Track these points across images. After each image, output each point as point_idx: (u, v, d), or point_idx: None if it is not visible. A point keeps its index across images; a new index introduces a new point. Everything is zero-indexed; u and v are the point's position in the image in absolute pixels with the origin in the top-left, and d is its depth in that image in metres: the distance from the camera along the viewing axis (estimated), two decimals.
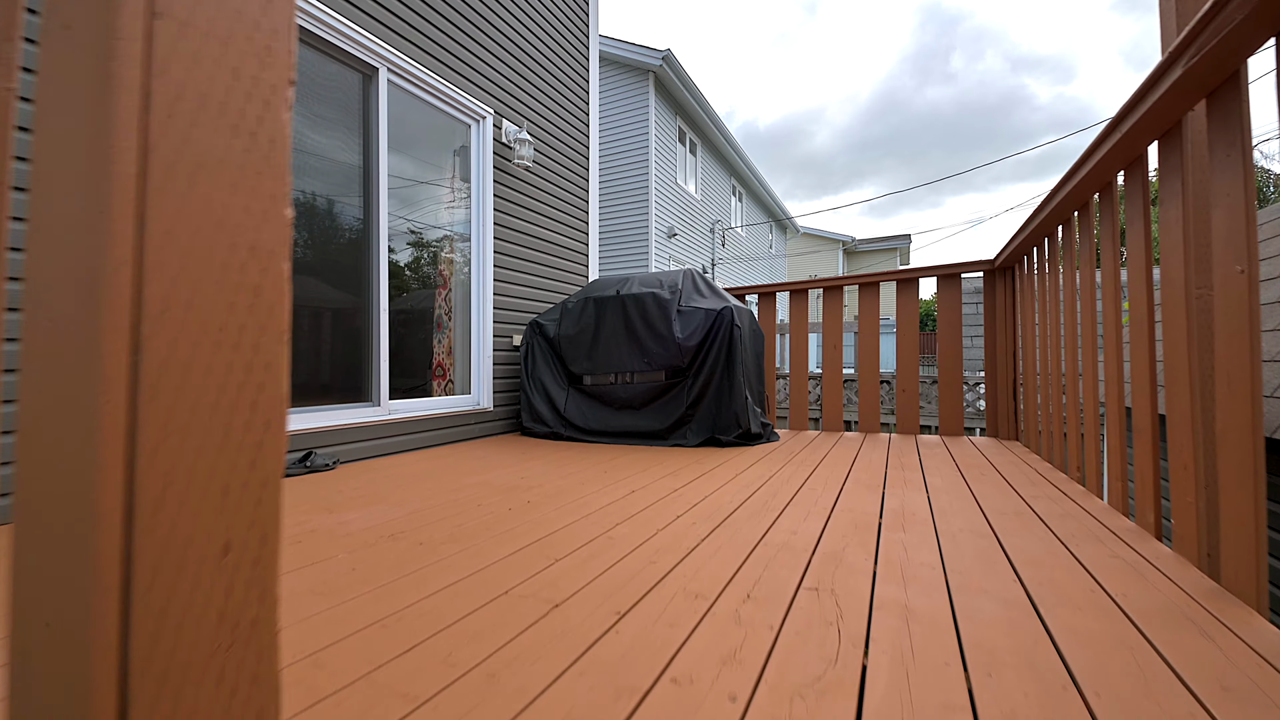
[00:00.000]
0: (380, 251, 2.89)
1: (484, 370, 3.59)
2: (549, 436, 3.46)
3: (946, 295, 3.27)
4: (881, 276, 3.44)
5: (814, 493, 1.93)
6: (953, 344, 3.25)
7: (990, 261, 3.13)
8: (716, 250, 12.05)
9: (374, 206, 2.89)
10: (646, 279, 3.53)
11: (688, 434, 3.12)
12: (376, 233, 2.89)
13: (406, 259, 3.97)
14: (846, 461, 2.53)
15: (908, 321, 3.37)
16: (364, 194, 2.88)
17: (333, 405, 2.69)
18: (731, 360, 3.04)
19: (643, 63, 8.75)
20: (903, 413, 3.39)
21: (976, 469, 2.31)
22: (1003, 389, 3.07)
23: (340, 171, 2.78)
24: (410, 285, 4.23)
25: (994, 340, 3.14)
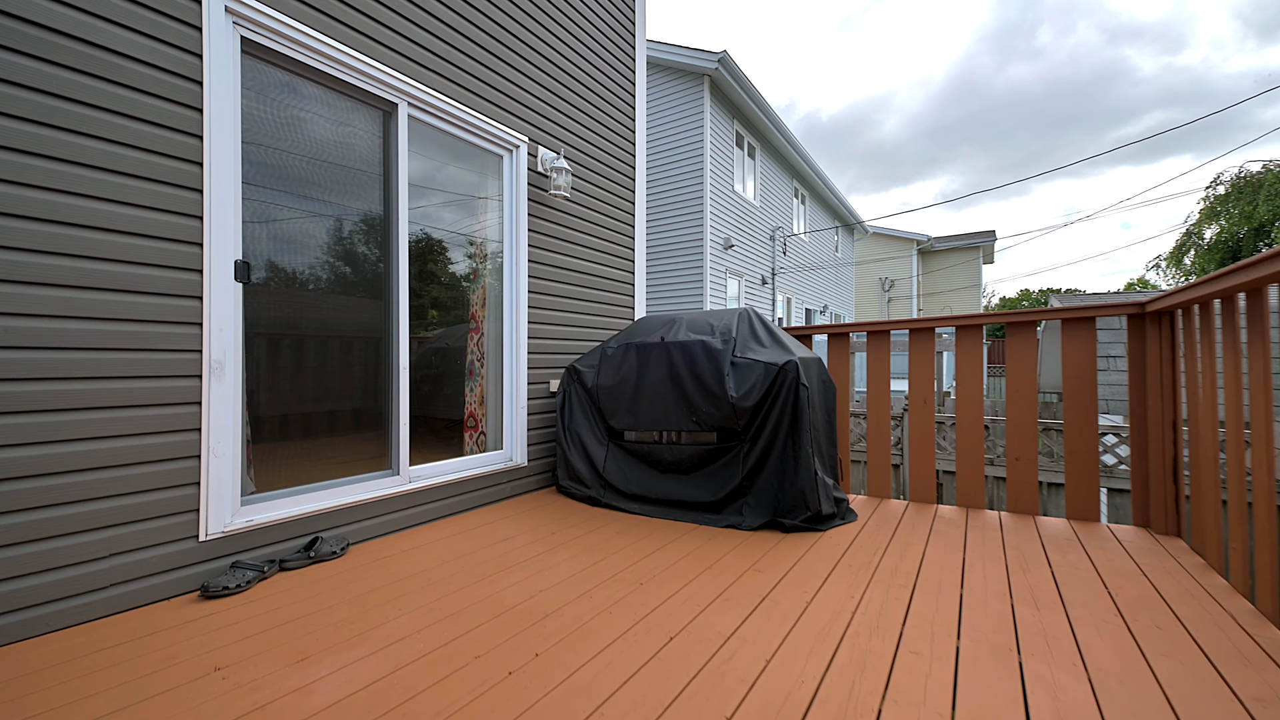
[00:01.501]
0: (400, 302, 2.61)
1: (517, 421, 3.27)
2: (587, 500, 3.08)
3: (1076, 343, 2.60)
4: (987, 318, 2.81)
5: (919, 663, 1.41)
6: (1084, 404, 2.58)
7: (1139, 304, 2.44)
8: (777, 259, 11.35)
9: (393, 250, 2.62)
10: (696, 322, 3.08)
11: (744, 510, 2.64)
12: (396, 281, 2.61)
13: (432, 303, 3.74)
14: (953, 580, 1.97)
15: (1022, 373, 2.73)
16: (383, 236, 2.61)
17: (346, 480, 2.43)
18: (797, 426, 2.54)
19: (697, 67, 8.27)
20: (1016, 486, 2.74)
21: (1146, 612, 1.70)
22: (1157, 469, 2.37)
23: (355, 215, 2.53)
24: (434, 338, 3.99)
25: (1143, 406, 2.45)
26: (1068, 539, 2.33)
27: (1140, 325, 2.47)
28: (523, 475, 3.32)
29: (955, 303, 23.79)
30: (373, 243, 2.60)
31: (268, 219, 2.23)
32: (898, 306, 22.81)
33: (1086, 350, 2.57)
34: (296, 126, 2.30)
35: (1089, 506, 2.57)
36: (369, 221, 2.57)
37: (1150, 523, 2.44)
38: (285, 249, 2.30)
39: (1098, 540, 2.31)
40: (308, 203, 2.35)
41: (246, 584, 1.89)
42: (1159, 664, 1.37)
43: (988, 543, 2.32)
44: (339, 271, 2.48)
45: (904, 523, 2.61)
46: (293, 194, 2.30)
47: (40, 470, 1.62)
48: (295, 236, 2.33)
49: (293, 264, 2.32)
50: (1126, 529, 2.45)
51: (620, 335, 3.32)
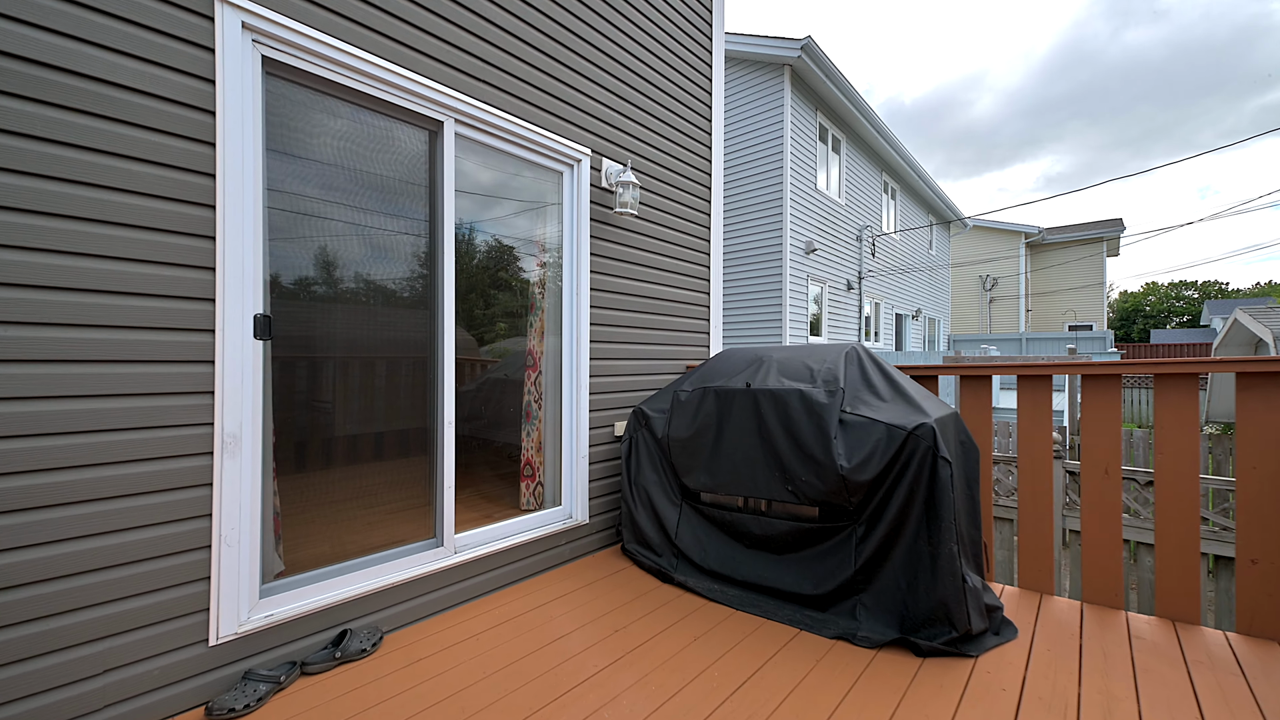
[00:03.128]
0: (445, 347, 2.28)
1: (578, 472, 2.87)
2: (656, 572, 2.62)
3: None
4: (1203, 365, 2.04)
5: None
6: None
7: None
8: (865, 261, 10.34)
9: (439, 289, 2.29)
10: (789, 363, 2.52)
11: (859, 614, 2.06)
12: (441, 322, 2.28)
13: (484, 339, 3.42)
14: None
15: (1259, 432, 1.94)
16: (429, 268, 2.29)
17: (383, 555, 2.12)
18: (936, 515, 1.92)
19: (776, 57, 7.59)
20: (1252, 596, 1.96)
21: None
22: None
23: (397, 245, 2.23)
24: (489, 370, 3.67)
25: None
26: None
27: None
28: (583, 534, 2.91)
29: (1073, 304, 21.03)
30: (414, 267, 2.28)
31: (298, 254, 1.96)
32: (1001, 307, 20.51)
33: None
34: (331, 149, 2.02)
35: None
36: (411, 245, 2.26)
37: None
38: (316, 287, 2.02)
39: None
40: (341, 240, 2.07)
41: (257, 702, 1.60)
42: None
43: (1233, 701, 1.59)
44: (375, 311, 2.19)
45: (1088, 649, 1.92)
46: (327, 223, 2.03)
47: (23, 579, 1.39)
48: (330, 273, 2.05)
49: (325, 305, 2.04)
50: None
51: (694, 375, 2.83)
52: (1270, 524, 1.93)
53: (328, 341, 2.05)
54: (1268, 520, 1.93)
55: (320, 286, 2.04)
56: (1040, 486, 2.38)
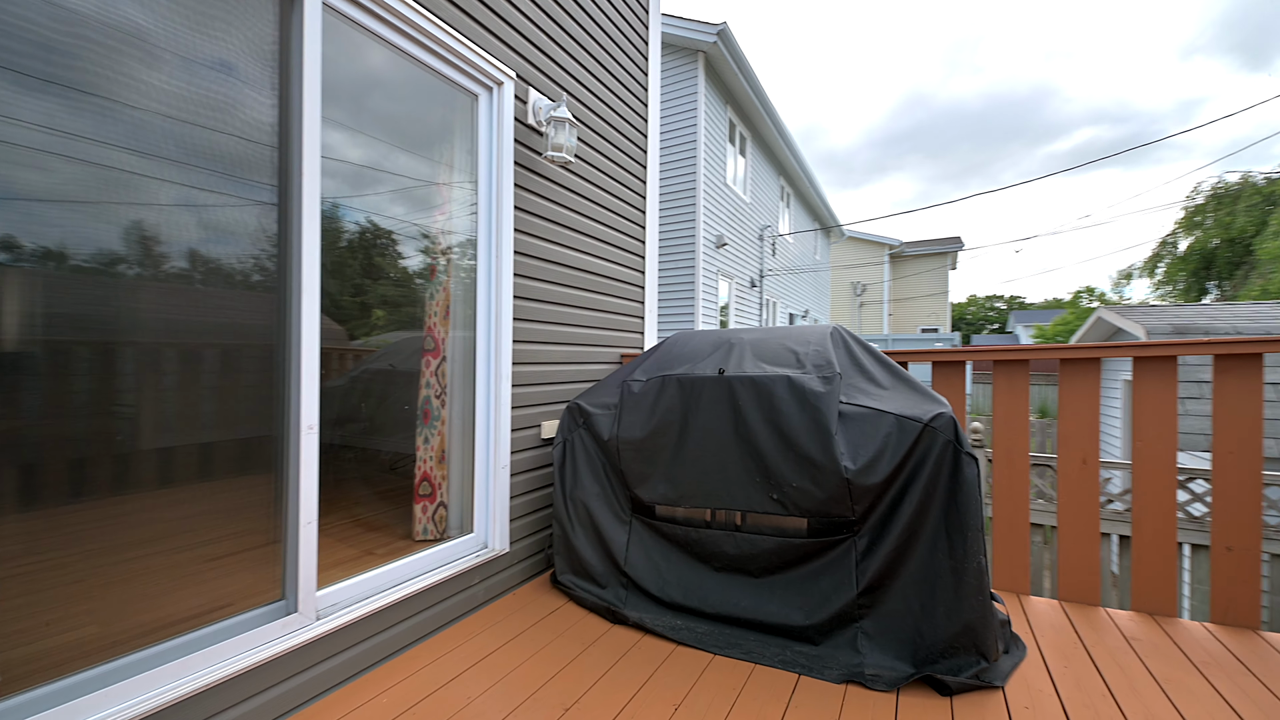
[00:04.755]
0: (301, 320, 1.52)
1: (496, 487, 2.22)
2: (600, 609, 2.06)
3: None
4: (1176, 348, 1.97)
5: None
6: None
7: None
8: (766, 260, 10.58)
9: (295, 233, 1.53)
10: (765, 345, 2.11)
11: (861, 645, 1.70)
12: (296, 284, 1.52)
13: (360, 318, 2.64)
14: None
15: (1236, 418, 1.90)
16: (279, 214, 1.52)
17: (188, 638, 1.33)
18: (962, 521, 1.61)
19: (692, 41, 7.34)
20: (1226, 586, 1.91)
21: None
22: None
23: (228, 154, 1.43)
24: (368, 360, 2.87)
25: None
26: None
27: None
28: (503, 568, 2.27)
29: (926, 309, 23.88)
30: (255, 230, 1.50)
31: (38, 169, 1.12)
32: (869, 311, 22.67)
33: None
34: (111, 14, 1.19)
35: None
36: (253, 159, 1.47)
37: None
38: (82, 224, 1.19)
39: None
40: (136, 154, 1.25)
41: None
42: None
43: (1264, 704, 1.45)
44: (194, 264, 1.38)
45: (1100, 660, 1.72)
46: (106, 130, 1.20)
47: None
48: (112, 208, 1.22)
49: (95, 248, 1.21)
50: None
51: (646, 362, 2.32)
52: (1244, 507, 1.89)
53: (102, 324, 1.23)
54: (1242, 503, 1.89)
55: (87, 246, 1.20)
56: (1016, 484, 2.21)
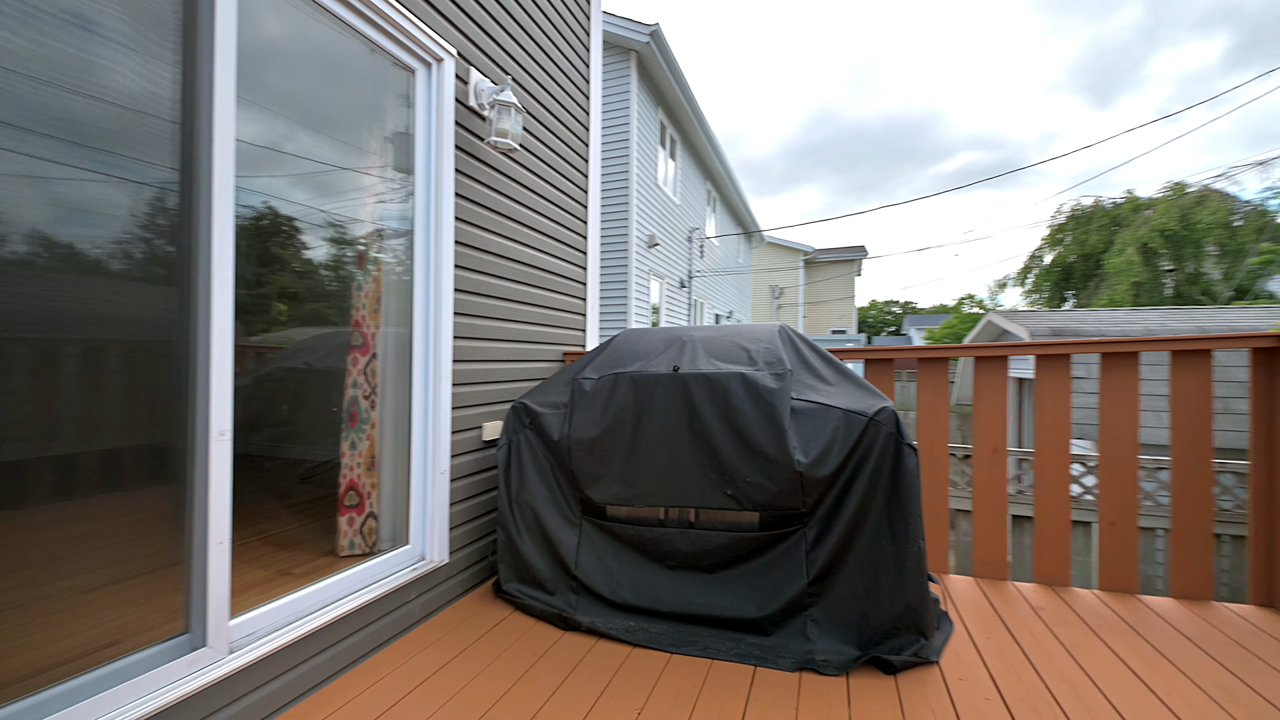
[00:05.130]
0: (211, 306, 1.32)
1: (434, 494, 2.07)
2: (550, 616, 1.99)
3: (1188, 381, 2.09)
4: (1074, 346, 2.22)
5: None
6: (1194, 457, 2.08)
7: (1273, 336, 1.98)
8: (695, 261, 10.81)
9: (203, 205, 1.32)
10: (717, 343, 2.13)
11: (810, 633, 1.76)
12: (202, 265, 1.32)
13: (280, 302, 2.39)
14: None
15: (1121, 411, 2.17)
16: (184, 178, 1.30)
17: (74, 682, 1.10)
18: (903, 509, 1.71)
19: (625, 39, 7.33)
20: (1112, 557, 2.18)
21: None
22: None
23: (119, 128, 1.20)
24: (278, 357, 2.62)
25: (1270, 456, 1.99)
26: (1221, 630, 1.77)
27: (1270, 361, 2.01)
28: (442, 579, 2.12)
29: (836, 312, 25.57)
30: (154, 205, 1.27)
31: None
32: (786, 314, 23.90)
33: (1201, 388, 2.07)
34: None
35: (1200, 583, 2.07)
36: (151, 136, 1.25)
37: (1274, 601, 1.98)
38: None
39: (1247, 631, 1.78)
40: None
41: None
42: None
43: (1148, 659, 1.67)
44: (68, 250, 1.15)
45: (1016, 630, 1.90)
46: None
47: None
48: None
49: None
50: (1256, 611, 1.97)
51: (595, 360, 2.27)
52: (1125, 489, 2.16)
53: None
54: (1124, 485, 2.16)
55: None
56: (938, 470, 2.40)
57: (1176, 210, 13.10)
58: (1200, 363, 2.07)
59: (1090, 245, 14.21)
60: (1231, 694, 1.51)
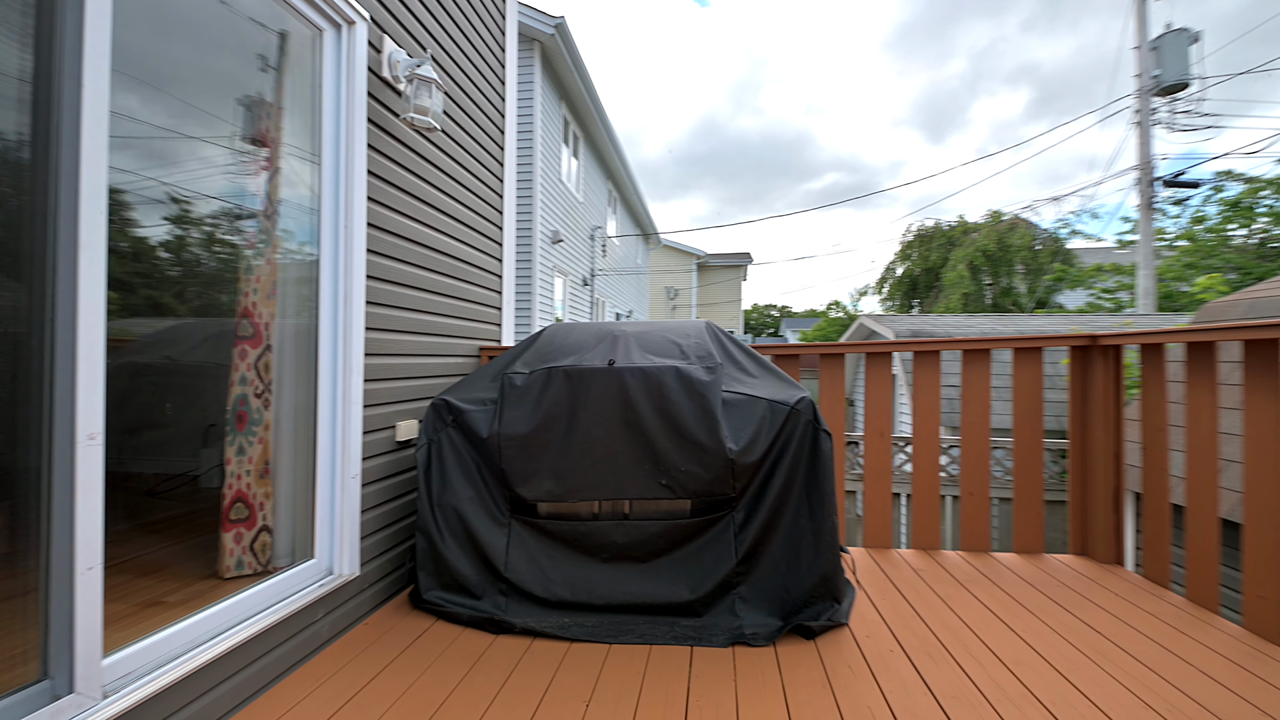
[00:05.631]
0: (77, 273, 1.08)
1: (343, 501, 1.88)
2: (479, 621, 1.90)
3: (1026, 373, 2.54)
4: (944, 344, 2.60)
5: None
6: (1030, 437, 2.54)
7: (1090, 336, 2.48)
8: (597, 260, 10.85)
9: (63, 169, 1.08)
10: (649, 338, 2.18)
11: (738, 609, 1.87)
12: (71, 233, 1.08)
13: (156, 289, 2.04)
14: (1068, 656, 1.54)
15: (977, 403, 2.58)
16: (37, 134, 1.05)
17: None
18: (819, 488, 1.88)
19: (530, 28, 7.13)
20: (971, 523, 2.59)
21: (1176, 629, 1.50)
22: (1102, 499, 2.42)
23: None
24: (137, 348, 2.24)
25: (1084, 435, 2.50)
26: (1051, 576, 2.20)
27: (1086, 357, 2.51)
28: (353, 594, 1.93)
29: (726, 314, 27.08)
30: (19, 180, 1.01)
31: None
32: (679, 315, 24.86)
33: (1034, 379, 2.53)
34: None
35: (1034, 539, 2.53)
36: None
37: (1086, 550, 2.49)
38: None
39: (1069, 574, 2.22)
40: None
41: None
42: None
43: (996, 599, 2.02)
44: None
45: (905, 590, 2.18)
46: None
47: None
48: None
49: None
50: (1075, 559, 2.46)
51: (524, 355, 2.21)
52: (979, 466, 2.57)
53: None
54: (978, 463, 2.57)
55: None
56: (837, 455, 2.67)
57: (994, 234, 15.75)
58: (1035, 358, 2.53)
59: (931, 261, 16.62)
60: (1065, 624, 1.87)
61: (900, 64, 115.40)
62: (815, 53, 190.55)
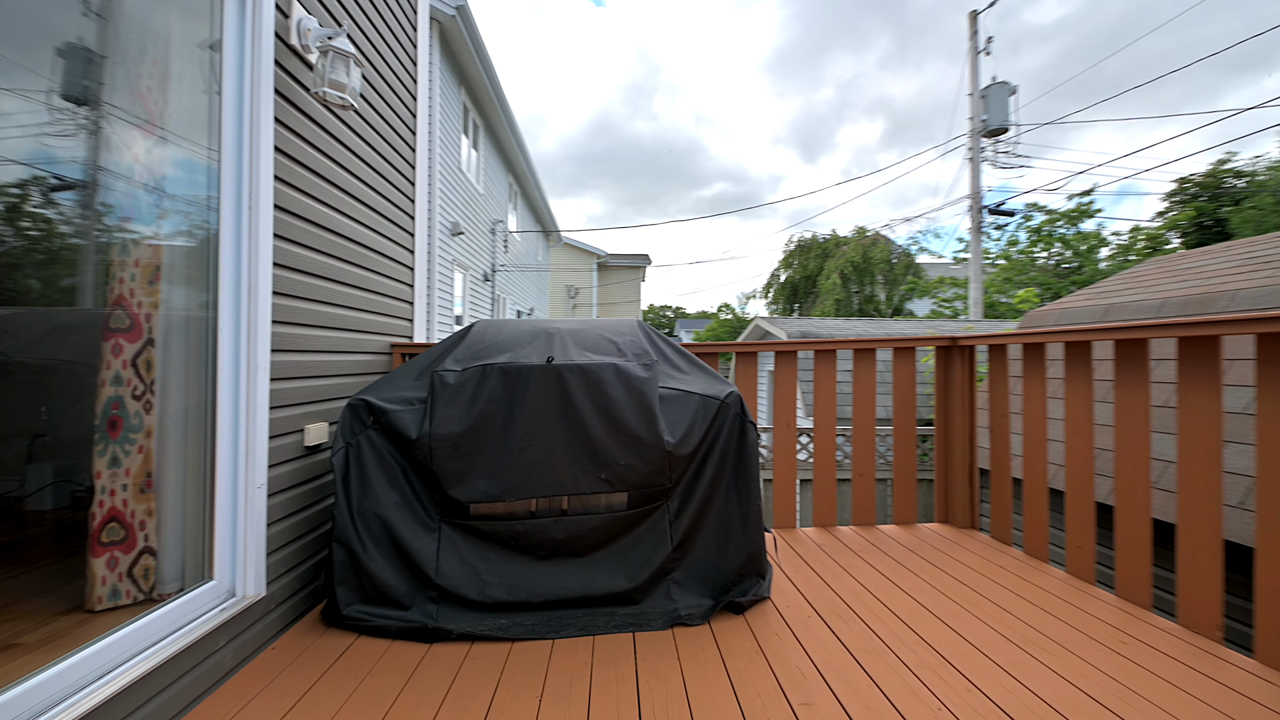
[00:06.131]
0: None
1: (249, 516, 1.68)
2: (408, 633, 1.81)
3: (903, 370, 2.95)
4: (838, 344, 2.93)
5: None
6: (908, 425, 2.95)
7: (950, 337, 2.93)
8: (498, 255, 10.49)
9: None
10: (584, 335, 2.21)
11: (673, 593, 1.98)
12: None
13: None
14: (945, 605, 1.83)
15: (864, 396, 2.94)
16: None
17: None
18: (746, 475, 2.04)
19: (431, 8, 6.70)
20: (860, 500, 2.94)
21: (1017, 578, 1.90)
22: (959, 475, 2.89)
23: None
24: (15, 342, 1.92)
25: (948, 421, 2.95)
26: (925, 541, 2.59)
27: (947, 355, 2.97)
28: (259, 616, 1.74)
29: (626, 314, 27.49)
30: None
31: None
32: (580, 314, 24.80)
33: (909, 376, 2.94)
34: None
35: (910, 512, 2.94)
36: None
37: (949, 517, 2.95)
38: None
39: (937, 539, 2.64)
40: None
41: None
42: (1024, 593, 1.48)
43: (883, 561, 2.34)
44: None
45: (813, 564, 2.44)
46: None
47: None
48: None
49: None
50: (941, 527, 2.90)
51: (453, 352, 2.13)
52: (866, 450, 2.93)
53: None
54: (866, 447, 2.93)
55: None
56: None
57: (860, 248, 17.75)
58: (910, 356, 2.95)
59: (810, 269, 18.34)
60: (939, 580, 2.22)
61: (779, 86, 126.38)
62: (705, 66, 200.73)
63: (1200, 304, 3.10)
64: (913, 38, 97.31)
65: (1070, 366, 2.25)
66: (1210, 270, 3.48)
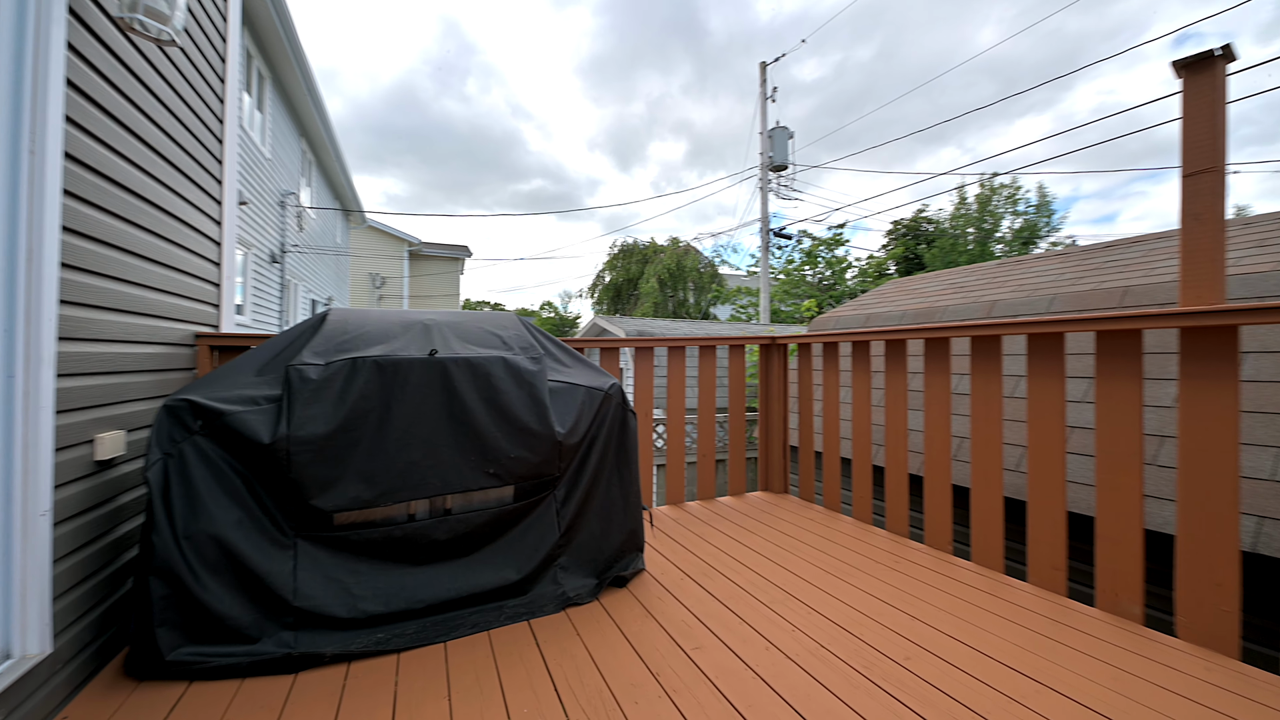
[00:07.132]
0: None
1: (30, 553, 1.29)
2: (261, 667, 1.58)
3: (736, 364, 3.46)
4: (686, 341, 3.32)
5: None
6: (738, 411, 3.47)
7: (770, 337, 3.53)
8: (290, 233, 8.94)
9: None
10: (465, 328, 2.15)
11: (559, 578, 2.07)
12: None
13: None
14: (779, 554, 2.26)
15: (707, 385, 3.38)
16: None
17: None
18: (628, 460, 2.22)
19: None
20: (704, 478, 3.37)
21: (826, 529, 2.52)
22: (776, 450, 3.51)
23: None
24: None
25: (769, 407, 3.56)
26: (754, 507, 3.11)
27: (769, 352, 3.57)
28: (45, 678, 1.34)
29: (443, 308, 25.58)
30: None
31: None
32: (388, 305, 22.35)
33: (740, 369, 3.48)
34: None
35: (741, 484, 3.48)
36: None
37: (770, 486, 3.57)
38: None
39: (763, 504, 3.19)
40: None
41: None
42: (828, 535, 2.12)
43: (727, 526, 2.77)
44: None
45: (693, 529, 2.74)
46: None
47: None
48: None
49: None
50: (764, 494, 3.49)
51: (309, 343, 1.89)
52: (709, 434, 3.38)
53: None
54: (708, 432, 3.38)
55: None
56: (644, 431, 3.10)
57: (675, 256, 19.53)
58: (740, 352, 3.48)
59: (631, 273, 19.56)
60: (769, 535, 2.70)
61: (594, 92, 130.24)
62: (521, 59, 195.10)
63: (926, 315, 4.28)
64: (710, 71, 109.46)
65: (869, 358, 2.95)
66: (928, 291, 4.83)
